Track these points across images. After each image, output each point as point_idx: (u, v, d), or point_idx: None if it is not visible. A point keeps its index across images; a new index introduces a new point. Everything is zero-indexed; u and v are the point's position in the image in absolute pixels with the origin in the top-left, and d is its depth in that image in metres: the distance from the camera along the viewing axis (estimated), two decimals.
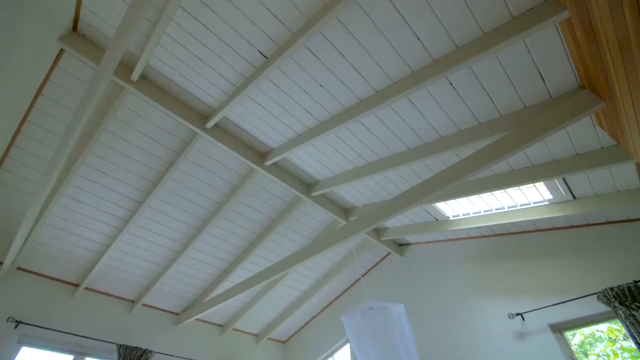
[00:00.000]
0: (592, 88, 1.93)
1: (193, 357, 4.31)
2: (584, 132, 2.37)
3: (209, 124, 2.88)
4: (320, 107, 2.74)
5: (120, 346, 3.67)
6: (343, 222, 3.92)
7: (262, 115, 2.89)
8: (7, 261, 3.15)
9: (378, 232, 4.34)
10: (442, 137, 2.78)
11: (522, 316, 3.24)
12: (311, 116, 2.84)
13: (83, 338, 3.58)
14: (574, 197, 2.97)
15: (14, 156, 2.86)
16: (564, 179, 2.77)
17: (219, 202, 3.62)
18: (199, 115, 2.91)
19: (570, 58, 2.00)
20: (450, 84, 2.36)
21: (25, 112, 2.62)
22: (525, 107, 2.37)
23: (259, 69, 2.49)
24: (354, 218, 3.91)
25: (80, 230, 3.42)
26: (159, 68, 2.58)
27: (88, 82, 2.62)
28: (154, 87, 2.68)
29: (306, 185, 3.64)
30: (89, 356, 3.63)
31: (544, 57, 2.07)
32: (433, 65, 2.24)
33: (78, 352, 3.57)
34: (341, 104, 2.69)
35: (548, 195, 3.03)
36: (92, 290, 3.87)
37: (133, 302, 4.13)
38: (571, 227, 3.34)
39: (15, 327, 3.25)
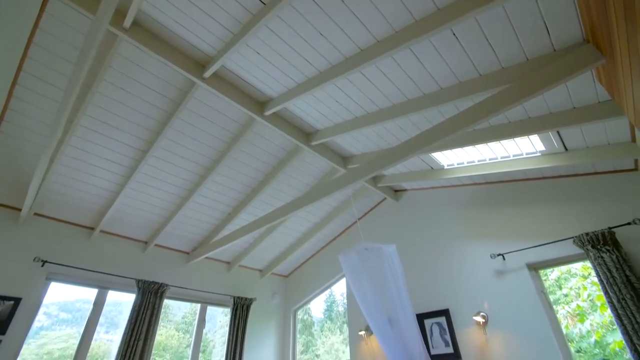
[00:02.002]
0: (595, 43, 1.91)
1: (204, 290, 4.79)
2: (583, 86, 2.38)
3: (207, 73, 2.84)
4: (320, 56, 2.68)
5: (138, 281, 4.07)
6: (342, 170, 4.06)
7: (261, 64, 2.84)
8: (25, 207, 3.34)
9: (375, 179, 4.51)
10: (441, 88, 2.77)
11: (503, 256, 3.55)
12: (311, 65, 2.79)
13: (104, 274, 3.95)
14: (566, 149, 3.07)
15: (14, 107, 2.87)
16: (558, 131, 2.84)
17: (221, 151, 3.71)
18: (197, 64, 2.86)
19: (577, 9, 1.93)
20: (454, 34, 2.29)
21: (19, 61, 2.57)
22: (528, 60, 2.34)
23: (257, 16, 2.39)
24: (352, 166, 4.04)
25: (89, 178, 3.56)
26: (152, 14, 2.47)
27: (80, 30, 2.54)
28: (148, 34, 2.59)
29: (306, 134, 3.69)
30: (111, 290, 4.04)
31: (552, 7, 2.00)
32: (437, 14, 2.16)
33: (101, 287, 3.97)
34: (341, 53, 2.63)
35: (541, 147, 3.12)
36: (107, 232, 4.16)
37: (146, 242, 4.46)
38: (560, 176, 3.49)
39: (42, 266, 3.57)
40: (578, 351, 5.35)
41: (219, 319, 5.10)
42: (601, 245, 2.87)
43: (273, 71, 2.89)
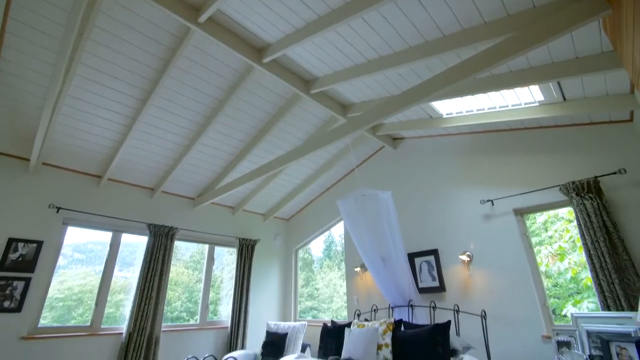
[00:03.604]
0: None
1: (211, 232, 5.11)
2: (588, 36, 2.32)
3: (202, 18, 2.72)
4: (320, 0, 2.56)
5: (149, 224, 4.34)
6: (341, 119, 4.08)
7: (258, 9, 2.71)
8: (33, 157, 3.45)
9: (374, 127, 4.55)
10: (444, 36, 2.69)
11: (492, 202, 3.76)
12: (310, 10, 2.67)
13: (116, 219, 4.20)
14: (564, 99, 3.08)
15: (9, 57, 2.80)
16: (558, 82, 2.83)
17: (221, 100, 3.70)
18: (191, 8, 2.73)
19: None
20: None
21: (5, 9, 2.46)
22: (535, 6, 2.25)
23: None
24: (352, 115, 4.05)
25: (92, 128, 3.60)
26: None
27: None
28: None
29: (305, 82, 3.64)
30: (124, 233, 4.32)
31: None
32: None
33: (115, 230, 4.25)
34: None
35: (540, 97, 3.12)
36: (114, 180, 4.32)
37: (152, 189, 4.65)
38: (557, 126, 3.54)
39: (57, 212, 3.79)
40: (555, 285, 5.90)
41: (225, 257, 5.52)
42: (585, 193, 3.04)
43: (271, 16, 2.78)
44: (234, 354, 4.19)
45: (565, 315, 4.77)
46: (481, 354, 3.25)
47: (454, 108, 3.72)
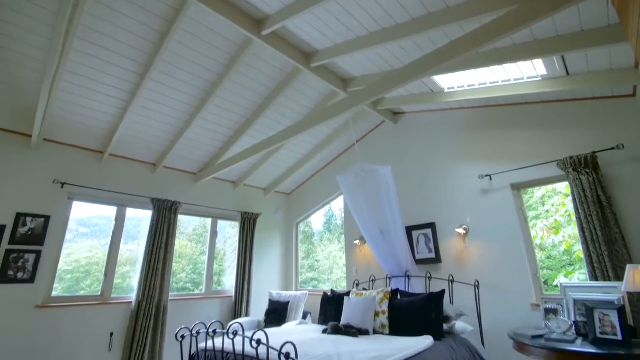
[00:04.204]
0: None
1: (213, 206, 5.21)
2: (595, 7, 2.27)
3: None
4: None
5: (153, 199, 4.42)
6: (342, 93, 4.04)
7: None
8: (34, 133, 3.46)
9: (375, 102, 4.51)
10: (448, 7, 2.62)
11: (490, 177, 3.81)
12: None
13: (120, 194, 4.27)
14: (568, 74, 3.04)
15: (5, 32, 2.74)
16: (562, 55, 2.78)
17: (220, 74, 3.65)
18: None
19: None
20: None
21: None
22: None
23: None
24: (352, 89, 4.01)
25: (91, 104, 3.59)
26: None
27: None
28: None
29: (305, 55, 3.58)
30: (129, 207, 4.41)
31: None
32: None
33: (120, 205, 4.34)
34: None
35: (543, 71, 3.08)
36: (116, 156, 4.34)
37: (154, 164, 4.69)
38: (558, 101, 3.51)
39: (62, 187, 3.85)
40: (548, 258, 6.08)
41: (227, 231, 5.66)
42: (582, 168, 3.08)
43: None
44: (239, 320, 4.41)
45: (557, 286, 4.97)
46: (473, 320, 3.44)
47: (455, 82, 3.68)
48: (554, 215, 6.30)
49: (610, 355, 1.94)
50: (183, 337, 2.44)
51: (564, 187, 6.27)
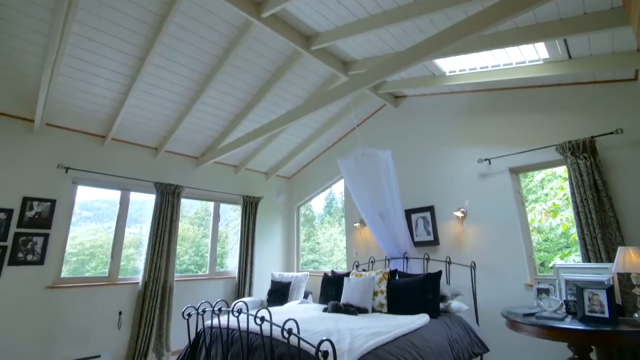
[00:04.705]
0: None
1: (215, 190, 5.27)
2: None
3: None
4: None
5: (156, 183, 4.48)
6: (343, 77, 4.02)
7: None
8: (37, 118, 3.48)
9: (375, 86, 4.49)
10: None
11: (489, 161, 3.84)
12: None
13: (124, 178, 4.33)
14: (570, 57, 3.02)
15: (4, 16, 2.72)
16: (565, 39, 2.76)
17: (219, 57, 3.63)
18: None
19: None
20: None
21: None
22: None
23: None
24: (353, 72, 3.99)
25: (92, 88, 3.59)
26: None
27: None
28: None
29: (306, 38, 3.54)
30: (132, 191, 4.48)
31: None
32: None
33: (123, 189, 4.40)
34: None
35: (545, 54, 3.07)
36: (118, 140, 4.37)
37: (156, 149, 4.72)
38: (560, 84, 3.50)
39: (66, 172, 3.90)
40: (546, 240, 6.19)
41: (229, 214, 5.75)
42: (580, 153, 3.12)
43: None
44: (243, 299, 4.56)
45: (552, 268, 5.10)
46: (468, 300, 3.56)
47: (457, 66, 3.65)
48: (552, 198, 6.37)
49: (595, 331, 2.04)
50: (189, 315, 2.55)
51: (563, 170, 6.31)
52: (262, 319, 1.96)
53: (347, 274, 3.82)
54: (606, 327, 2.05)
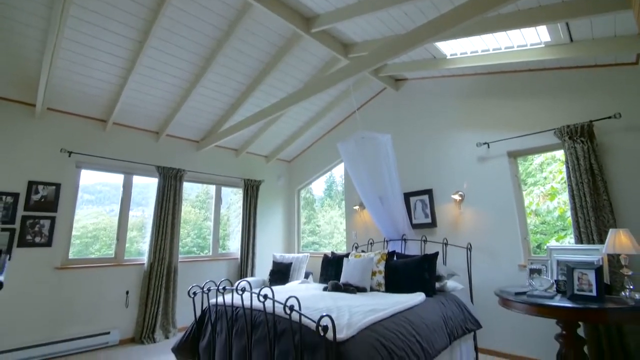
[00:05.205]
0: None
1: (217, 173, 5.33)
2: None
3: None
4: None
5: (158, 167, 4.53)
6: (343, 59, 4.00)
7: None
8: (38, 103, 3.49)
9: (376, 69, 4.46)
10: None
11: (488, 144, 3.88)
12: None
13: (126, 162, 4.38)
14: (571, 40, 3.01)
15: (6, 1, 2.70)
16: (567, 22, 2.74)
17: (219, 40, 3.60)
18: None
19: None
20: None
21: None
22: None
23: None
24: (354, 55, 3.96)
25: (92, 72, 3.58)
26: None
27: None
28: None
29: (306, 20, 3.51)
30: (135, 175, 4.53)
31: None
32: None
33: (126, 172, 4.46)
34: None
35: (546, 38, 3.05)
36: (120, 124, 4.39)
37: (157, 132, 4.74)
38: (560, 68, 3.49)
39: (69, 156, 3.95)
40: (543, 223, 6.30)
41: (230, 197, 5.84)
42: (577, 137, 3.15)
43: None
44: (246, 279, 4.70)
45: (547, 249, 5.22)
46: (464, 280, 3.68)
47: (458, 49, 3.63)
48: (551, 182, 6.43)
49: (583, 309, 2.14)
50: (195, 293, 2.66)
51: (561, 154, 6.34)
52: (265, 296, 2.06)
53: (347, 255, 3.93)
54: (593, 305, 2.15)
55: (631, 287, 2.30)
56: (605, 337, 2.73)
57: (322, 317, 1.76)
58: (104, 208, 4.48)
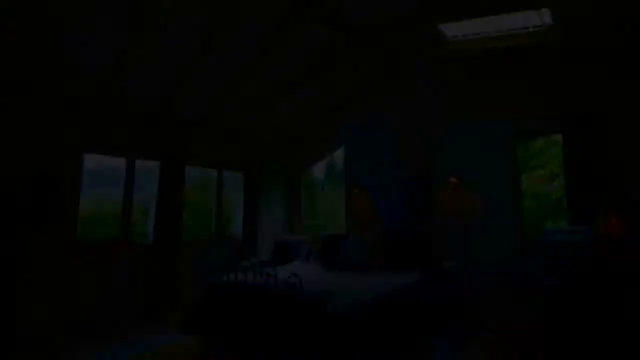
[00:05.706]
0: None
1: (218, 157, 5.36)
2: None
3: None
4: None
5: (162, 150, 4.55)
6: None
7: None
8: None
9: None
10: None
11: (488, 127, 3.87)
12: None
13: (129, 144, 4.40)
14: (580, 24, 2.97)
15: None
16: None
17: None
18: None
19: None
20: None
21: None
22: None
23: None
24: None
25: None
26: None
27: None
28: None
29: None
30: (137, 158, 4.56)
31: None
32: None
33: (129, 156, 4.50)
34: None
35: (549, 20, 3.01)
36: None
37: (159, 114, 4.74)
38: (569, 48, 3.46)
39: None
40: (541, 205, 6.38)
41: (232, 179, 5.90)
42: (577, 120, 3.17)
43: None
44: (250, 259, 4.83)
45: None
46: (461, 259, 3.79)
47: (460, 31, 3.58)
48: (550, 165, 6.46)
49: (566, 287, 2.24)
50: (200, 272, 2.77)
51: (560, 137, 6.34)
52: (268, 274, 2.16)
53: (347, 236, 4.03)
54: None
55: None
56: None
57: (322, 292, 1.86)
58: (106, 190, 4.46)
